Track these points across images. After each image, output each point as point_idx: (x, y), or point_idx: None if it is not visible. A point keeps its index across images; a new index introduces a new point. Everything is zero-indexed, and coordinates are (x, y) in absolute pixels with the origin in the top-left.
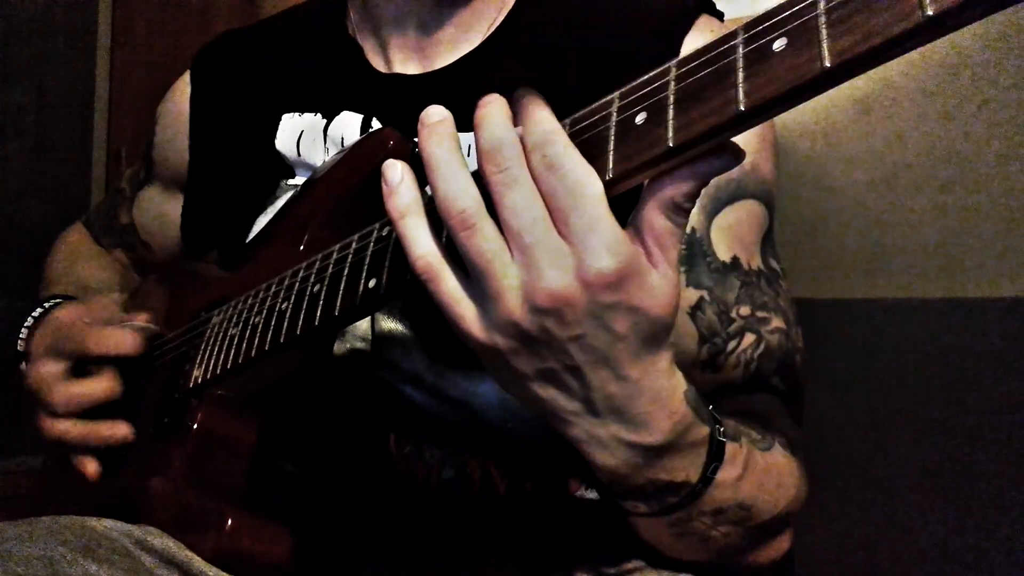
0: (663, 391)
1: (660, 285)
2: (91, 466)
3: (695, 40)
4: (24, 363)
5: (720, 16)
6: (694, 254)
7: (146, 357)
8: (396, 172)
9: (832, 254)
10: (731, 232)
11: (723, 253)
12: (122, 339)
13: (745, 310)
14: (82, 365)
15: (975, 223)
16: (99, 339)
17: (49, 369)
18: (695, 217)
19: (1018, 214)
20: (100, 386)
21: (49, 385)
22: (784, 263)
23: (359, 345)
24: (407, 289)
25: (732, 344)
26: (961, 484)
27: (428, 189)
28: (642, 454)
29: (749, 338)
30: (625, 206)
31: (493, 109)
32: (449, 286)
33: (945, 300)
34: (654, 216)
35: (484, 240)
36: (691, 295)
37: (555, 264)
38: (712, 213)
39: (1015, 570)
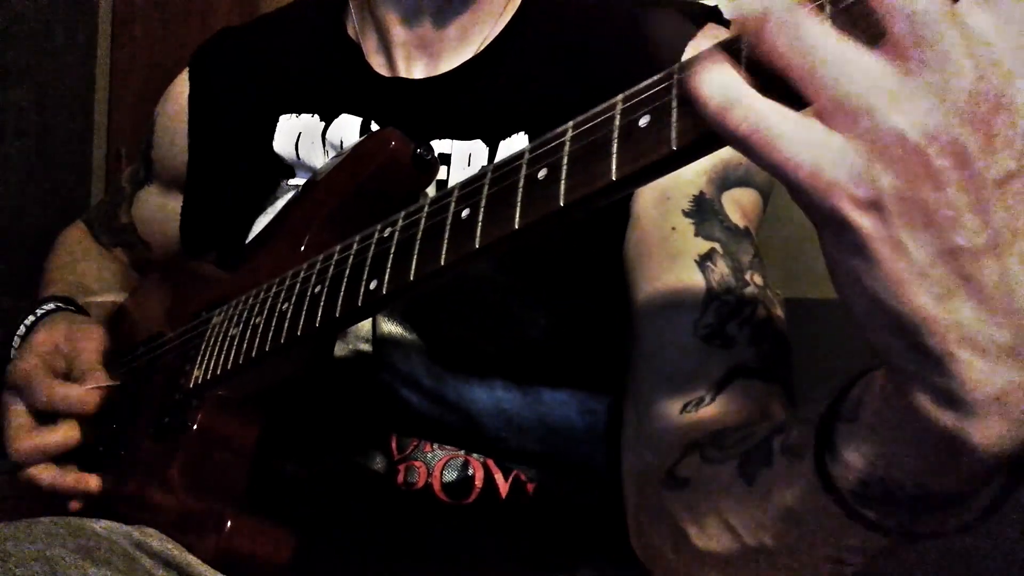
0: None
1: None
2: (73, 505)
3: (698, 47)
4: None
5: (727, 24)
6: (704, 210)
7: (144, 360)
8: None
9: None
10: (741, 208)
11: (737, 220)
12: (77, 400)
13: (759, 279)
14: None
15: None
16: (57, 396)
17: (19, 409)
18: (705, 184)
19: None
20: (63, 437)
21: (16, 431)
22: (784, 263)
23: (361, 347)
24: (409, 290)
25: (746, 311)
26: None
27: None
28: None
29: (763, 312)
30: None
31: None
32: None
33: None
34: None
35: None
36: (701, 245)
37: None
38: (721, 187)
39: (1015, 570)
